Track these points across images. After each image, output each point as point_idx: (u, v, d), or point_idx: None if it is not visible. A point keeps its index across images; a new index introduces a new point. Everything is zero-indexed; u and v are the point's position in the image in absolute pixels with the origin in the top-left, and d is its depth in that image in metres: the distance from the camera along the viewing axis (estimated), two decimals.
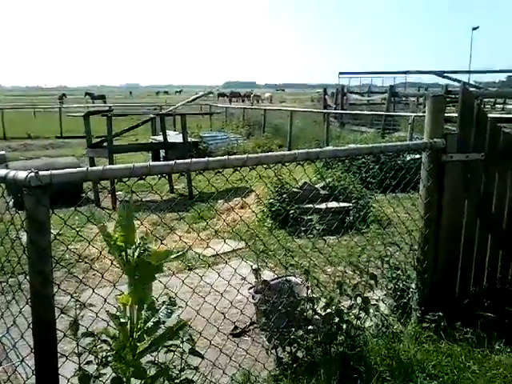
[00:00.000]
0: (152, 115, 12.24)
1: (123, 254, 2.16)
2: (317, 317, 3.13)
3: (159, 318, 2.20)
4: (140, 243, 2.19)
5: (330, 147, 5.79)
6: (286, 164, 2.72)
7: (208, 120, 21.84)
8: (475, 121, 3.68)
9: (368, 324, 3.50)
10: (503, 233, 4.20)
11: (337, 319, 3.07)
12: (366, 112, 19.00)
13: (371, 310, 3.48)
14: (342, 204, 6.84)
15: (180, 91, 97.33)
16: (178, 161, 2.24)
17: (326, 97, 25.13)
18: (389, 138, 12.29)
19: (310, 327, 3.04)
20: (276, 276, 3.75)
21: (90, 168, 2.10)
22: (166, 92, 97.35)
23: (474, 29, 55.54)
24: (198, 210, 7.88)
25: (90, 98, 56.01)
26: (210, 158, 2.38)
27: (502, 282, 4.19)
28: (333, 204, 6.65)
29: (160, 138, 10.97)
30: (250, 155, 2.50)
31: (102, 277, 2.37)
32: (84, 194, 9.45)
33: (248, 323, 3.96)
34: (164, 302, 2.29)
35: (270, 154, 2.63)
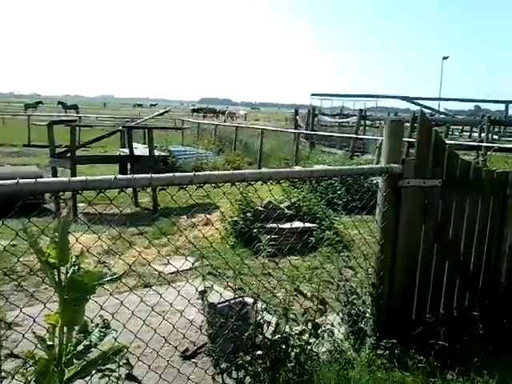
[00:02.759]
0: (121, 127, 12.04)
1: (55, 271, 2.03)
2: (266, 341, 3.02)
3: (91, 342, 2.06)
4: (75, 261, 2.07)
5: (292, 168, 5.71)
6: (237, 184, 2.64)
7: (180, 135, 21.68)
8: (433, 147, 3.68)
9: (322, 350, 3.41)
10: (460, 260, 4.19)
11: (283, 346, 2.97)
12: (334, 134, 19.17)
13: (325, 336, 3.40)
14: (305, 224, 6.79)
15: (155, 105, 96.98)
16: (118, 176, 2.13)
17: (297, 117, 25.29)
18: (357, 161, 12.38)
19: (258, 352, 2.93)
20: (234, 296, 3.62)
21: (21, 180, 1.97)
22: (141, 105, 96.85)
23: (445, 58, 57.15)
24: (160, 225, 7.72)
25: (62, 108, 55.24)
26: (154, 175, 2.28)
27: (459, 309, 4.18)
28: (296, 224, 6.60)
29: (127, 150, 10.79)
30: (198, 173, 2.41)
31: (32, 295, 2.22)
32: (46, 205, 9.22)
33: (200, 345, 3.83)
34: (97, 324, 2.15)
35: (219, 172, 2.55)
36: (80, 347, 2.03)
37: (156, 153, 11.54)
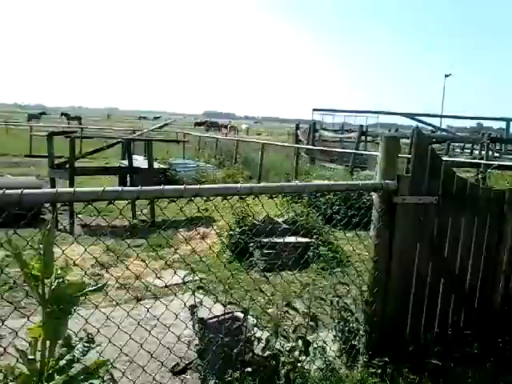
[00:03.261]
0: (120, 139, 12.07)
1: (40, 284, 2.00)
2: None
3: (73, 356, 2.03)
4: (59, 274, 2.04)
5: (290, 183, 5.61)
6: (228, 197, 2.62)
7: (181, 147, 21.70)
8: (429, 164, 3.66)
9: (313, 367, 3.36)
10: (456, 277, 4.15)
11: (273, 362, 2.92)
12: (334, 149, 19.19)
13: (317, 353, 3.35)
14: (302, 239, 6.75)
15: (158, 117, 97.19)
16: (106, 188, 2.12)
17: (298, 132, 25.31)
18: (356, 176, 12.35)
19: (248, 369, 2.88)
20: (225, 311, 3.57)
21: (7, 191, 1.95)
22: (145, 117, 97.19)
23: (447, 76, 57.44)
24: (156, 238, 7.68)
25: (66, 119, 55.40)
26: (143, 188, 2.26)
27: (454, 327, 4.13)
28: (293, 239, 6.55)
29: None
30: (188, 186, 2.39)
31: (15, 308, 2.19)
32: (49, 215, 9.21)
33: (190, 360, 3.77)
34: (81, 338, 2.12)
35: (211, 186, 2.53)
36: (62, 362, 2.00)
37: (156, 165, 11.55)
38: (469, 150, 30.93)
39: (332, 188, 3.16)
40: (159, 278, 5.00)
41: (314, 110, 33.52)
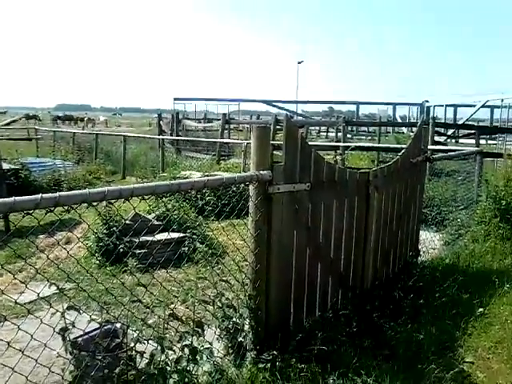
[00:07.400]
0: None
1: None
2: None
3: None
4: None
5: (153, 183, 5.19)
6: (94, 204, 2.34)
7: (34, 145, 19.99)
8: (300, 152, 3.66)
9: (200, 372, 3.20)
10: (331, 260, 4.26)
11: (160, 379, 2.70)
12: (200, 139, 19.11)
13: (204, 356, 3.19)
14: (174, 235, 6.53)
15: (4, 112, 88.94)
16: None
17: (161, 122, 24.78)
18: (224, 165, 12.37)
19: None
20: (100, 326, 3.23)
21: None
22: None
23: (299, 63, 60.40)
24: (14, 247, 6.91)
25: None
26: None
27: (333, 308, 4.25)
28: (165, 235, 6.30)
29: None
30: (45, 195, 2.06)
31: None
32: None
33: None
34: None
35: (72, 193, 2.22)
36: None
37: (5, 166, 10.45)
38: (324, 133, 32.92)
39: (208, 184, 2.99)
40: (21, 293, 4.47)
41: (175, 99, 33.11)
